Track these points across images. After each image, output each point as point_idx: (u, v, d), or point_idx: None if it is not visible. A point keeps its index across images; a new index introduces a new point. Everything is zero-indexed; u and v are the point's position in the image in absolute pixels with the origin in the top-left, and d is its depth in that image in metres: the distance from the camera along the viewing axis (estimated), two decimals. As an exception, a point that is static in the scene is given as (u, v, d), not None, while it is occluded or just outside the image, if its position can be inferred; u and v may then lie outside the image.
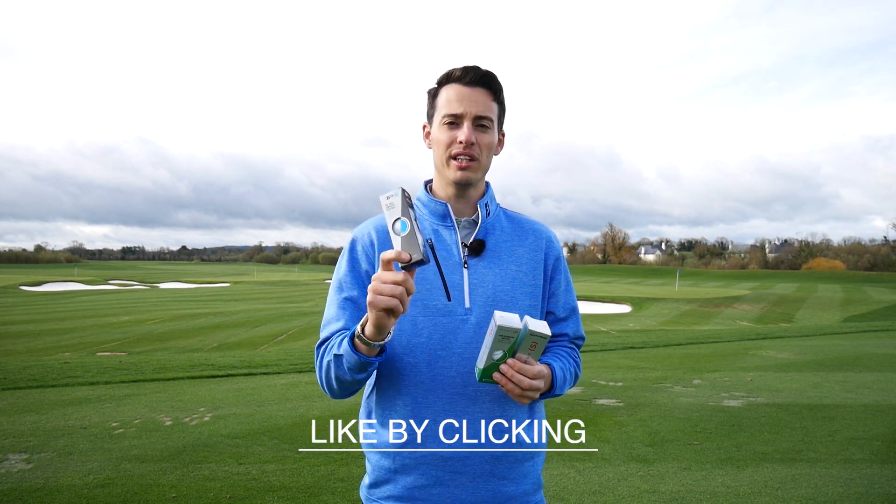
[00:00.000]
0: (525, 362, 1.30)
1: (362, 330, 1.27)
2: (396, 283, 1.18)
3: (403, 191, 1.21)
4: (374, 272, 1.45)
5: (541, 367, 1.33)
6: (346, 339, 1.31)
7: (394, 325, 1.27)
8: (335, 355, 1.34)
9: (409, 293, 1.19)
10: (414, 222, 1.19)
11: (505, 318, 1.26)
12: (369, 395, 1.50)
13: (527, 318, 1.29)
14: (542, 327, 1.28)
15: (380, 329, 1.24)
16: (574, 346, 1.60)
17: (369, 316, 1.23)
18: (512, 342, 1.27)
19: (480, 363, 1.31)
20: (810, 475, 4.00)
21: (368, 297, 1.19)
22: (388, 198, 1.21)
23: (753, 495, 3.67)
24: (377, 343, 1.27)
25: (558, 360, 1.47)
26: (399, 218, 1.19)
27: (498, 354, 1.28)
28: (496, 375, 1.30)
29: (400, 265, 1.19)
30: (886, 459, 4.34)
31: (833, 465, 4.19)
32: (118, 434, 4.76)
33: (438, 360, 1.40)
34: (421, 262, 1.18)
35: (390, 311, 1.20)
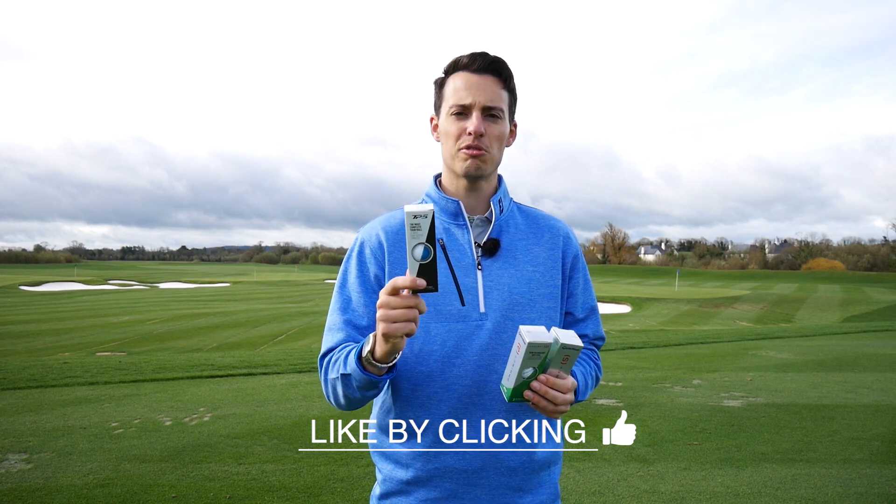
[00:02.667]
0: (557, 376, 1.22)
1: (371, 352, 1.20)
2: (409, 308, 1.11)
3: (434, 213, 1.10)
4: (383, 275, 1.37)
5: (573, 380, 1.26)
6: (352, 359, 1.24)
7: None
8: (342, 374, 1.26)
9: (420, 312, 1.14)
10: (436, 250, 1.12)
11: (533, 334, 1.16)
12: (380, 403, 1.43)
13: (555, 329, 1.21)
14: (573, 339, 1.19)
15: (393, 353, 1.18)
16: (594, 348, 1.53)
17: (382, 343, 1.16)
18: (543, 357, 1.18)
19: (509, 382, 1.23)
20: (810, 475, 4.00)
21: (381, 328, 1.13)
22: (415, 217, 1.08)
23: (753, 495, 3.67)
24: (387, 365, 1.21)
25: (579, 365, 1.41)
26: (423, 243, 1.10)
27: (528, 372, 1.20)
28: (527, 393, 1.22)
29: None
30: (886, 459, 4.34)
31: (833, 465, 4.19)
32: (118, 434, 4.76)
33: (452, 367, 1.33)
34: (433, 291, 1.12)
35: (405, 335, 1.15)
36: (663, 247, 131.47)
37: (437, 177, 1.48)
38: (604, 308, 34.87)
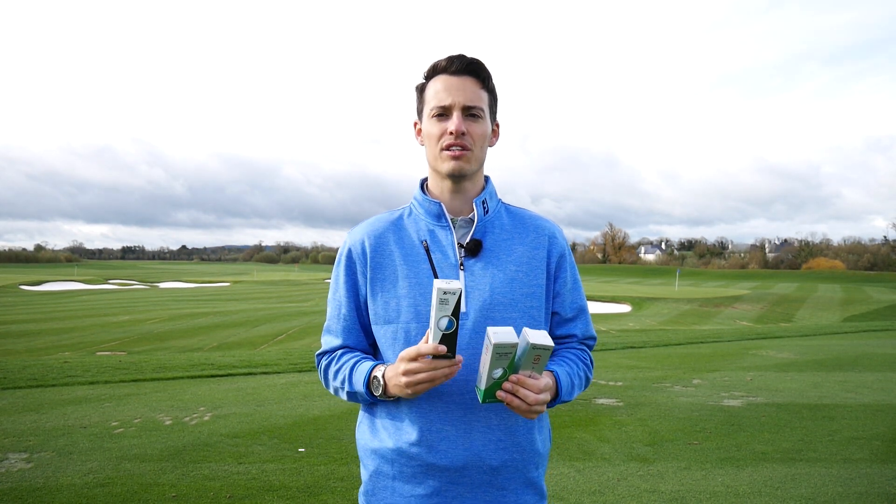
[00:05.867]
0: (529, 377, 1.23)
1: (383, 387, 1.32)
2: (432, 371, 1.22)
3: (462, 291, 1.20)
4: (365, 281, 1.43)
5: (547, 380, 1.28)
6: (360, 382, 1.37)
7: None
8: (349, 391, 1.40)
9: (450, 375, 1.24)
10: (458, 322, 1.21)
11: (499, 335, 1.19)
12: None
13: (525, 330, 1.22)
14: (542, 338, 1.21)
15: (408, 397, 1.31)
16: (584, 348, 1.52)
17: (402, 392, 1.28)
18: (511, 358, 1.21)
19: (481, 384, 1.26)
20: (810, 475, 4.00)
21: (409, 390, 1.25)
22: (444, 293, 1.18)
23: (753, 495, 3.67)
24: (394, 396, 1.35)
25: (564, 365, 1.41)
26: (449, 317, 1.19)
27: (498, 373, 1.22)
28: (500, 394, 1.24)
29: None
30: (886, 459, 4.34)
31: (833, 465, 4.19)
32: (118, 434, 4.76)
33: None
34: (451, 358, 1.23)
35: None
36: (663, 246, 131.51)
37: (424, 181, 1.51)
38: (604, 308, 34.86)
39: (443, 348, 1.19)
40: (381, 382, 1.31)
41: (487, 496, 1.37)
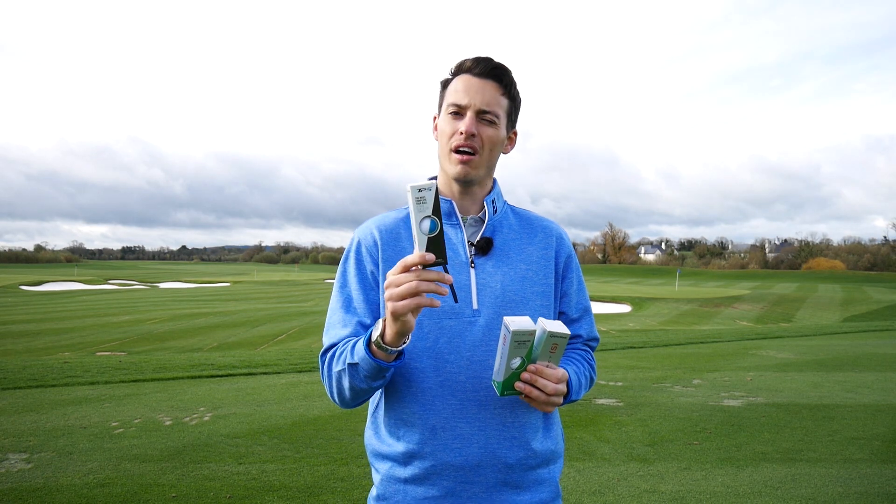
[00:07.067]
0: (546, 367, 1.22)
1: (381, 336, 1.20)
2: (416, 282, 1.11)
3: (437, 188, 1.11)
4: (378, 272, 1.39)
5: (564, 371, 1.27)
6: (360, 346, 1.24)
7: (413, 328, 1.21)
8: (350, 364, 1.26)
9: (445, 282, 1.12)
10: (442, 223, 1.12)
11: (517, 323, 1.16)
12: (376, 403, 1.44)
13: (541, 319, 1.20)
14: (559, 327, 1.19)
15: (402, 334, 1.18)
16: (588, 349, 1.53)
17: (391, 323, 1.16)
18: (529, 347, 1.18)
19: (499, 376, 1.22)
20: (810, 475, 4.00)
21: (389, 307, 1.13)
22: (419, 191, 1.10)
23: (753, 495, 3.67)
24: (397, 349, 1.21)
25: (572, 364, 1.42)
26: (430, 216, 1.10)
27: (516, 363, 1.19)
28: (518, 385, 1.22)
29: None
30: (886, 459, 4.34)
31: (833, 465, 4.19)
32: (118, 434, 4.76)
33: (446, 364, 1.34)
34: (443, 265, 1.12)
35: (416, 311, 1.15)
36: (663, 246, 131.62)
37: (433, 179, 1.49)
38: (604, 308, 34.86)
39: (431, 256, 1.09)
40: (380, 326, 1.20)
41: (503, 496, 1.35)
